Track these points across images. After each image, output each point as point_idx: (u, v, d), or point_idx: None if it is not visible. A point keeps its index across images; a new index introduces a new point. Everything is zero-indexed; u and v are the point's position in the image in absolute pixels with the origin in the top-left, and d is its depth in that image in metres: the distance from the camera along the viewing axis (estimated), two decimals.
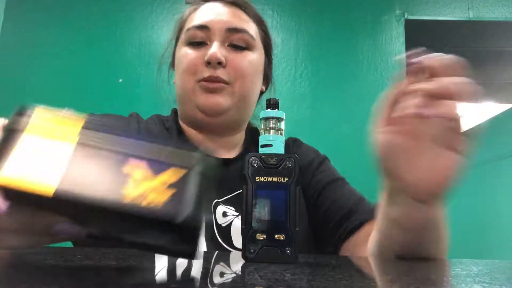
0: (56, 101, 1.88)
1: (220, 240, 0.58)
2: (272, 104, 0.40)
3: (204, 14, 0.67)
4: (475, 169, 2.92)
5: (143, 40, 1.92)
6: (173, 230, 0.25)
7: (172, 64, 0.74)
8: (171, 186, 0.25)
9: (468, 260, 0.46)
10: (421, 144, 0.38)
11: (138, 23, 1.94)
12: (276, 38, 1.95)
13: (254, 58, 0.68)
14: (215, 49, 0.63)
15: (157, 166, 0.26)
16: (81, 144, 0.27)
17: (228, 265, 0.36)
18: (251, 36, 0.67)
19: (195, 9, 0.70)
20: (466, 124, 0.39)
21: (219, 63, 0.63)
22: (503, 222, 2.52)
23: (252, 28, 0.68)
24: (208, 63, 0.63)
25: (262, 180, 0.37)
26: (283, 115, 0.41)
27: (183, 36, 0.68)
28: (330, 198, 0.67)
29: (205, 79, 0.63)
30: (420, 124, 0.37)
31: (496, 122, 2.73)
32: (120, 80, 1.86)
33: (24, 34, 1.90)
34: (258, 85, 0.71)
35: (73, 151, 0.27)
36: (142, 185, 0.25)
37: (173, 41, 0.73)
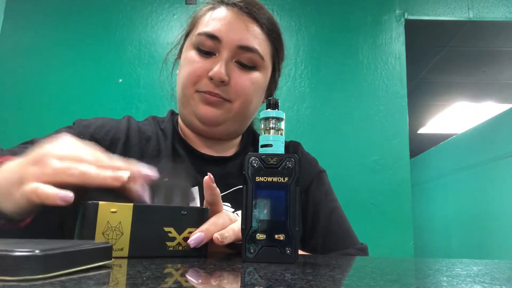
0: (56, 101, 1.89)
1: None
2: (272, 104, 0.40)
3: (217, 21, 0.64)
4: (475, 169, 2.92)
5: (143, 40, 1.92)
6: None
7: (179, 56, 0.73)
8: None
9: (468, 260, 0.46)
10: None
11: (138, 23, 1.95)
12: None
13: (259, 78, 0.67)
14: (220, 67, 0.62)
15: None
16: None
17: (228, 265, 0.36)
18: (261, 57, 0.65)
19: (210, 9, 0.67)
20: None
21: (222, 81, 0.63)
22: (503, 222, 2.52)
23: (263, 46, 0.66)
24: (211, 79, 0.62)
25: (262, 180, 0.37)
26: (283, 115, 0.40)
27: (193, 38, 0.66)
28: (316, 221, 0.70)
29: (205, 93, 0.63)
30: None
31: (496, 122, 2.73)
32: (120, 80, 1.86)
33: (24, 34, 1.90)
34: (259, 101, 0.70)
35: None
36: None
37: (184, 34, 0.72)
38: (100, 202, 0.37)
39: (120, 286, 0.24)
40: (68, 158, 0.39)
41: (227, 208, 0.64)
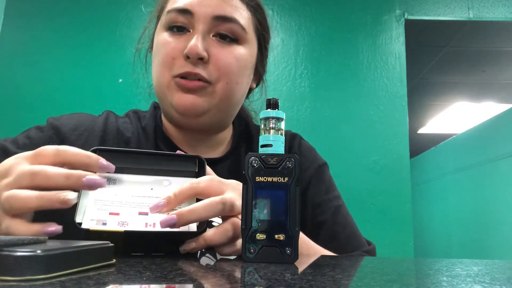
0: (56, 100, 1.88)
1: None
2: (272, 104, 0.40)
3: None
4: (475, 169, 2.92)
5: None
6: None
7: (151, 48, 0.65)
8: None
9: (468, 260, 0.46)
10: None
11: (138, 23, 1.94)
12: (276, 38, 1.95)
13: (243, 53, 0.58)
14: (196, 41, 0.54)
15: None
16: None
17: (228, 265, 0.36)
18: (242, 27, 0.57)
19: None
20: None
21: (200, 59, 0.54)
22: (503, 222, 2.52)
23: (243, 17, 0.58)
24: (188, 57, 0.54)
25: (262, 180, 0.37)
26: (283, 115, 0.40)
27: (163, 18, 0.58)
28: (318, 225, 0.64)
29: (182, 75, 0.55)
30: None
31: (496, 122, 2.73)
32: (120, 80, 1.86)
33: (24, 34, 1.90)
34: (246, 83, 0.62)
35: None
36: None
37: (153, 22, 0.65)
38: (91, 229, 0.37)
39: (120, 286, 0.24)
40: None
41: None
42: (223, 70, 0.56)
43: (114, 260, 0.31)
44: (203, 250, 0.48)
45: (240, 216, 0.38)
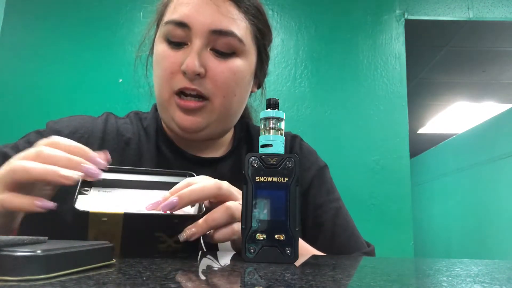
0: (56, 100, 1.88)
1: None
2: (272, 104, 0.40)
3: (185, 5, 0.57)
4: (475, 169, 2.92)
5: None
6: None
7: (151, 53, 0.66)
8: None
9: (468, 260, 0.46)
10: None
11: (139, 24, 1.94)
12: (276, 38, 1.95)
13: (240, 65, 0.59)
14: (192, 58, 0.55)
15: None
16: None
17: (228, 265, 0.36)
18: (239, 40, 0.58)
19: None
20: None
21: (198, 74, 0.56)
22: (503, 222, 2.52)
23: (241, 28, 0.58)
24: (185, 73, 0.56)
25: (262, 180, 0.37)
26: (283, 115, 0.40)
27: (162, 29, 0.59)
28: (319, 226, 0.64)
29: (181, 90, 0.57)
30: None
31: (496, 122, 2.73)
32: (120, 80, 1.86)
33: (24, 34, 1.90)
34: (245, 91, 0.63)
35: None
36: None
37: (153, 28, 0.66)
38: (91, 211, 0.37)
39: (120, 286, 0.24)
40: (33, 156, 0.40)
41: None
42: (220, 85, 0.57)
43: (114, 260, 0.31)
44: (204, 250, 0.48)
45: (239, 202, 0.40)
